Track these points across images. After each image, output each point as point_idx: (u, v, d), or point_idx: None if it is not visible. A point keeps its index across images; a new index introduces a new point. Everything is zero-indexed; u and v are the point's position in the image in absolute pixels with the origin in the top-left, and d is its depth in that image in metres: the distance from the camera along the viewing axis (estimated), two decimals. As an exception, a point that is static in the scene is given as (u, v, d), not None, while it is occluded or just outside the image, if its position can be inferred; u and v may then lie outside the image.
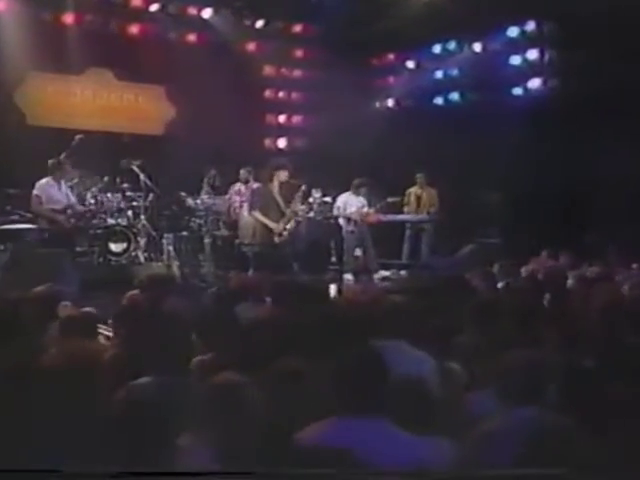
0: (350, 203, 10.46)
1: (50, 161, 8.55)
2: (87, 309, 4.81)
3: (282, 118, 13.39)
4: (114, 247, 9.20)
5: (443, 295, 4.84)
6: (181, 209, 10.19)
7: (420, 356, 3.64)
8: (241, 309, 4.60)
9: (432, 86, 12.44)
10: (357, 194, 10.26)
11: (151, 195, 9.91)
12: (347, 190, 10.69)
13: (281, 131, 13.42)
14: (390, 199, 10.46)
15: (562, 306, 5.05)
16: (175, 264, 9.30)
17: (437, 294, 4.77)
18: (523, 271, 8.03)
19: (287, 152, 13.14)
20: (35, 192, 8.43)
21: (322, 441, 2.26)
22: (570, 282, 6.62)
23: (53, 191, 8.51)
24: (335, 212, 10.60)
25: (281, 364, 2.86)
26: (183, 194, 10.30)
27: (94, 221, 9.26)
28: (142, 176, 9.74)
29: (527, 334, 3.81)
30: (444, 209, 11.02)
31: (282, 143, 13.37)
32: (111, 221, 9.40)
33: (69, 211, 8.44)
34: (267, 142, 13.29)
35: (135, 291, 5.25)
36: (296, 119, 13.47)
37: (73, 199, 8.68)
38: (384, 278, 9.33)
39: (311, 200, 11.05)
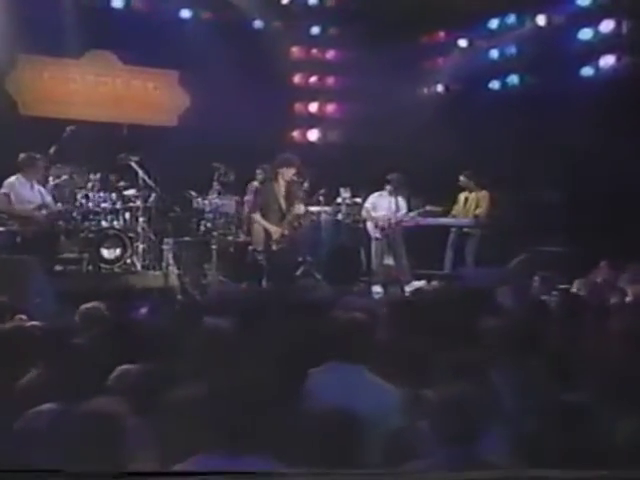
0: (381, 205, 10.33)
1: (21, 155, 8.68)
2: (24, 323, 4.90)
3: (313, 107, 13.38)
4: (106, 253, 9.34)
5: (443, 312, 4.70)
6: (185, 211, 10.27)
7: (378, 385, 3.56)
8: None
9: (487, 68, 12.20)
10: (390, 194, 10.09)
11: (153, 195, 10.01)
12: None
13: (312, 122, 13.41)
14: (429, 207, 10.27)
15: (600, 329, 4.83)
16: (174, 273, 9.36)
17: (431, 311, 4.63)
18: (576, 284, 7.82)
19: (319, 146, 13.20)
20: (3, 190, 8.59)
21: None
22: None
23: (24, 190, 8.64)
24: (363, 215, 10.49)
25: (180, 392, 2.80)
26: (193, 193, 10.36)
27: (85, 223, 9.43)
28: (141, 173, 9.84)
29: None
30: (495, 211, 10.76)
31: (313, 135, 13.34)
32: (104, 224, 9.55)
33: (43, 211, 8.55)
34: (296, 134, 13.29)
35: (92, 303, 5.28)
36: (330, 108, 13.43)
37: (49, 198, 8.80)
38: (417, 291, 9.13)
39: (339, 201, 11.01)
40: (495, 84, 12.20)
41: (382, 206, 10.28)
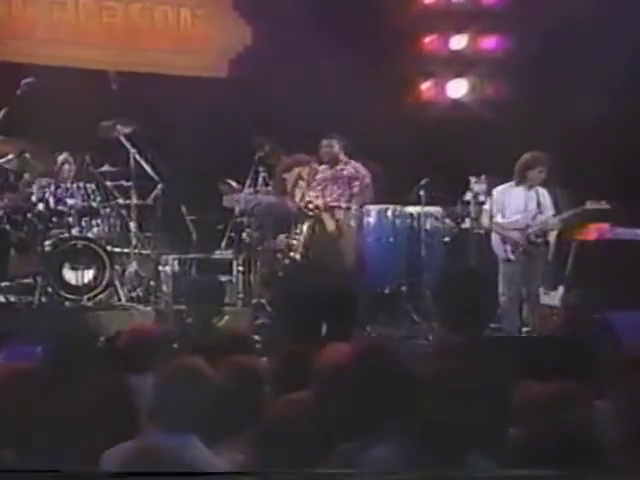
0: (512, 204, 10.16)
1: None
2: None
3: (458, 42, 13.22)
4: (72, 277, 9.62)
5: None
6: (207, 211, 10.58)
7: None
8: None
9: None
10: (526, 187, 9.91)
11: (159, 187, 10.26)
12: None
13: (455, 67, 13.25)
14: (590, 204, 9.94)
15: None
16: (173, 309, 9.59)
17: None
18: None
19: (465, 103, 13.10)
20: None
21: None
22: None
23: None
24: (483, 222, 10.40)
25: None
26: (234, 184, 10.51)
27: (44, 230, 9.75)
28: (133, 152, 10.10)
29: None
30: None
31: (455, 90, 13.21)
32: (74, 231, 9.84)
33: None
34: (425, 88, 13.19)
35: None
36: (485, 43, 13.25)
37: None
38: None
39: (467, 198, 10.81)
40: None
41: (514, 206, 10.12)
